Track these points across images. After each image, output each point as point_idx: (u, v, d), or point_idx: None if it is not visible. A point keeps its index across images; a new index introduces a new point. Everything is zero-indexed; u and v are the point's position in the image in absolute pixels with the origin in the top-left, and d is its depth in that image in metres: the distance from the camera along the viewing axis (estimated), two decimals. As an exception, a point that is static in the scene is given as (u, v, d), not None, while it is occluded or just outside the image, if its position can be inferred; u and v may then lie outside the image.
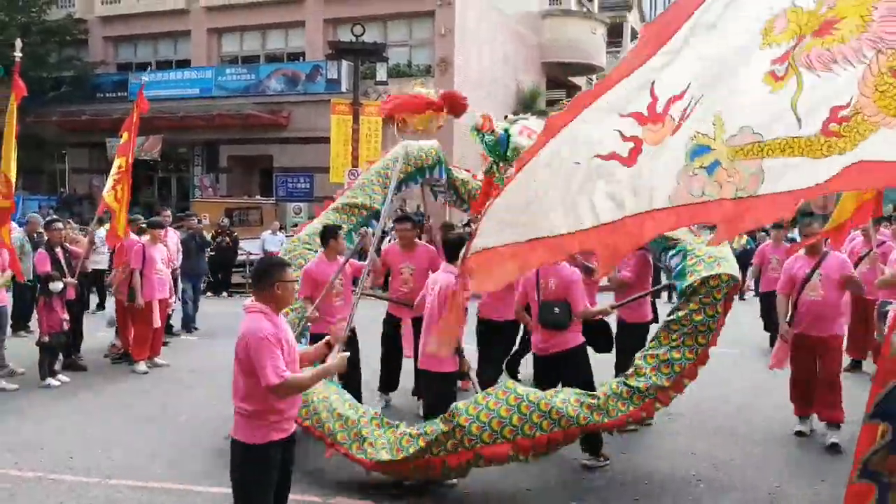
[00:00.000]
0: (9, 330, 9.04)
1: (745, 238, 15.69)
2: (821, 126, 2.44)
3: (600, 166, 2.85)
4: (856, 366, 8.77)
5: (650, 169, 2.80)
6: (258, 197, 24.27)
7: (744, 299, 13.63)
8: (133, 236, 9.42)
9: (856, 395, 5.98)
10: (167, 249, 9.88)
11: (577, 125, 2.91)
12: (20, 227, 10.85)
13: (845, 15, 2.41)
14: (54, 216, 10.03)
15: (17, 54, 8.90)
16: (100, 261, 11.66)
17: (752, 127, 2.58)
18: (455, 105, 7.05)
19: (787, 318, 6.47)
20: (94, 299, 12.80)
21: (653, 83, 2.76)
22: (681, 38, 2.71)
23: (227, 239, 16.56)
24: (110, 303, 10.33)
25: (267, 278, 3.70)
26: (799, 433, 6.51)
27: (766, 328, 10.43)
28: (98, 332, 10.08)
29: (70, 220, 12.74)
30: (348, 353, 3.88)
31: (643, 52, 2.81)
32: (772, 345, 8.74)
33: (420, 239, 7.62)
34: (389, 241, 10.63)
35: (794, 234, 15.28)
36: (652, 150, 2.79)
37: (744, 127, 2.60)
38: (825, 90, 2.44)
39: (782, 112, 2.52)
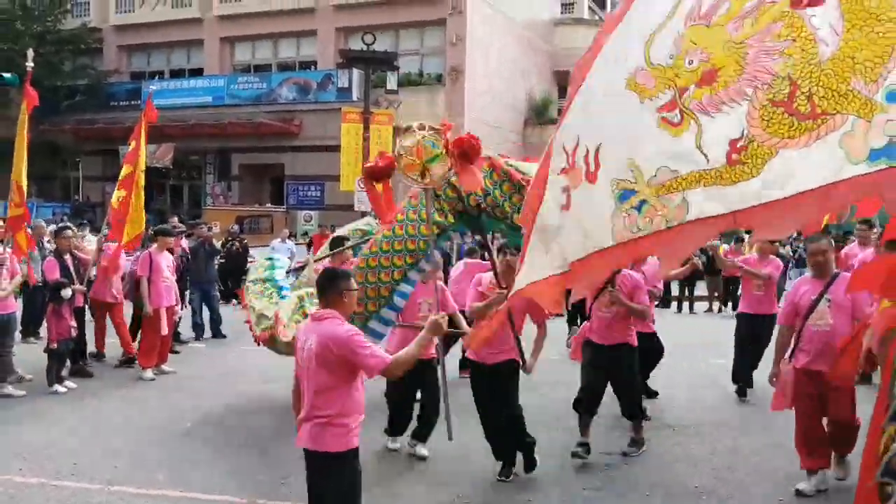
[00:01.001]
0: (18, 336, 9.11)
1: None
2: (725, 158, 2.79)
3: (564, 218, 3.45)
4: (865, 379, 8.61)
5: (585, 211, 3.30)
6: (269, 205, 24.40)
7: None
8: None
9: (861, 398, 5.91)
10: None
11: (546, 192, 3.55)
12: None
13: (723, 64, 2.80)
14: (64, 223, 10.11)
15: (30, 64, 9.00)
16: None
17: (668, 166, 2.94)
18: (467, 152, 5.09)
19: (789, 353, 5.50)
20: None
21: (563, 144, 3.36)
22: (574, 100, 3.33)
23: (238, 245, 16.62)
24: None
25: (335, 287, 3.83)
26: (798, 492, 5.35)
27: (735, 376, 8.26)
28: (108, 339, 10.12)
29: (83, 228, 12.77)
30: (442, 315, 3.97)
31: (558, 125, 3.48)
32: (740, 392, 8.08)
33: None
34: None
35: (784, 250, 15.19)
36: (577, 193, 3.30)
37: (661, 168, 2.96)
38: (721, 127, 2.81)
39: (690, 152, 2.89)
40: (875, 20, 2.50)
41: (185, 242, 11.56)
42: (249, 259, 17.01)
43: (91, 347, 9.64)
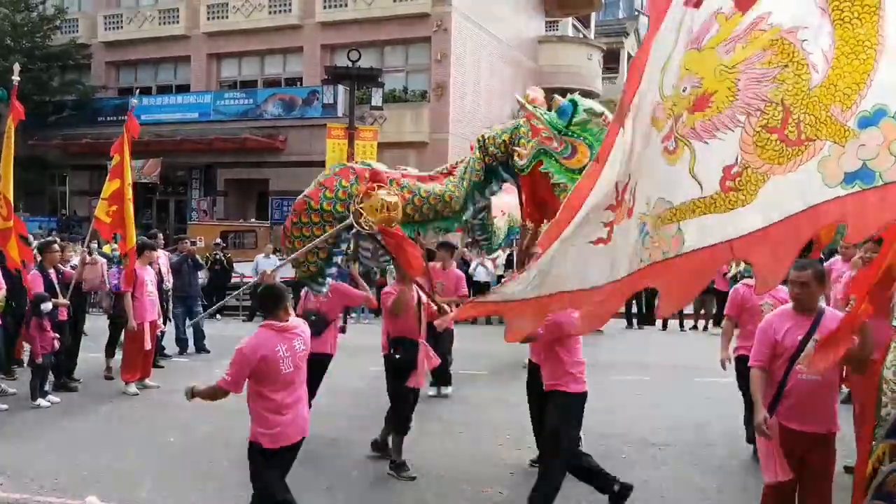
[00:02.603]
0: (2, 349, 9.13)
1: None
2: (718, 185, 2.79)
3: (588, 248, 3.50)
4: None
5: (621, 244, 3.34)
6: (254, 220, 24.45)
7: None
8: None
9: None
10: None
11: (573, 226, 3.55)
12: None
13: (715, 89, 2.79)
14: (49, 238, 10.16)
15: (16, 78, 9.09)
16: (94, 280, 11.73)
17: (663, 197, 2.97)
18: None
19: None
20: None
21: (617, 181, 3.34)
22: (618, 137, 3.32)
23: (224, 259, 16.63)
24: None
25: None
26: None
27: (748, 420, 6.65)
28: (90, 353, 10.17)
29: (75, 242, 12.78)
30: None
31: (598, 163, 3.46)
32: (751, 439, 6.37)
33: None
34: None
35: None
36: (619, 228, 3.32)
37: (659, 199, 3.00)
38: (715, 154, 2.81)
39: (683, 179, 2.90)
40: (861, 47, 2.52)
41: (163, 258, 11.53)
42: (234, 274, 17.08)
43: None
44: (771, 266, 2.71)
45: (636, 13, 56.13)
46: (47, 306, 8.33)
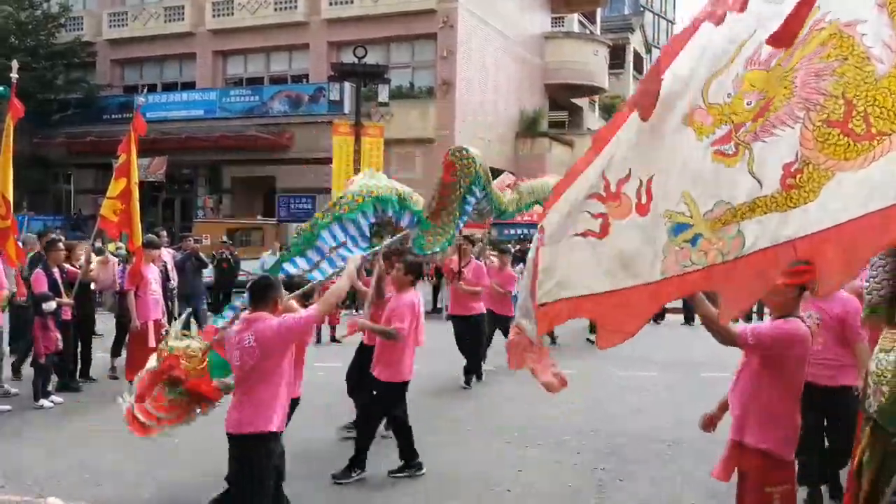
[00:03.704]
0: (7, 349, 9.07)
1: None
2: (779, 184, 2.72)
3: (578, 242, 3.28)
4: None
5: (629, 243, 3.14)
6: (260, 217, 24.40)
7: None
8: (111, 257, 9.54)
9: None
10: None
11: (552, 214, 3.37)
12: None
13: (774, 94, 2.76)
14: (54, 236, 10.07)
15: (14, 75, 9.01)
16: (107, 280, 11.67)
17: (723, 199, 2.87)
18: None
19: None
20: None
21: (603, 170, 3.20)
22: (620, 134, 3.18)
23: (230, 257, 16.55)
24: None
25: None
26: None
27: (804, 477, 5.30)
28: (95, 353, 10.11)
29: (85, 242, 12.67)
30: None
31: (593, 150, 3.28)
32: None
33: None
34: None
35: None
36: (622, 224, 3.14)
37: (718, 202, 2.88)
38: (774, 151, 2.74)
39: (743, 179, 2.82)
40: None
41: (167, 256, 11.50)
42: (240, 272, 17.01)
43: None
44: (837, 269, 2.57)
45: (641, 9, 56.03)
46: (50, 305, 8.26)
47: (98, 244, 11.86)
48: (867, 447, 3.63)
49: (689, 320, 15.87)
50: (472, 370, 9.66)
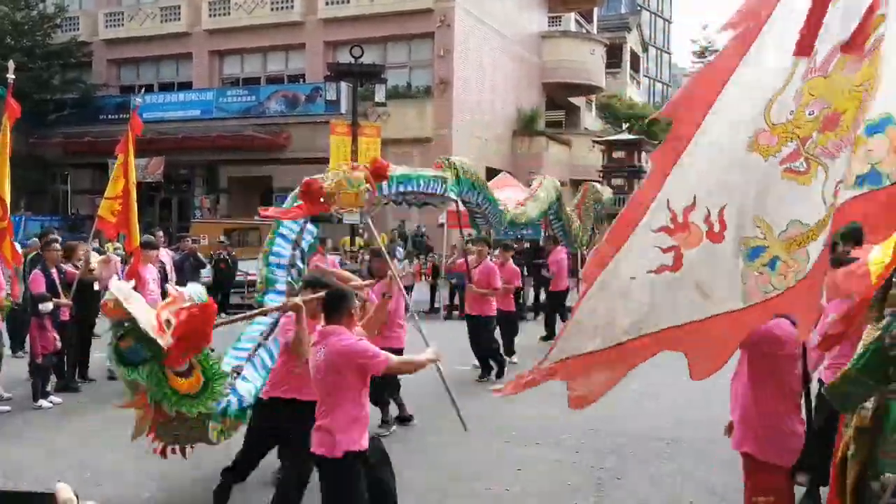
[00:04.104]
0: (8, 351, 9.05)
1: None
2: (832, 201, 2.83)
3: (654, 280, 3.16)
4: None
5: (706, 272, 3.10)
6: (257, 217, 24.36)
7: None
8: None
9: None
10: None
11: (621, 255, 3.21)
12: (21, 248, 10.89)
13: (844, 108, 2.82)
14: (52, 236, 10.05)
15: (11, 76, 8.99)
16: (108, 278, 11.65)
17: (798, 219, 2.92)
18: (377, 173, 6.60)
19: None
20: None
21: (667, 200, 3.12)
22: (683, 158, 3.11)
23: (227, 258, 16.54)
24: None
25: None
26: None
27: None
28: (93, 353, 10.09)
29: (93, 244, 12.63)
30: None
31: (655, 179, 3.17)
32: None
33: None
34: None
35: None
36: (693, 254, 3.09)
37: (791, 221, 2.93)
38: (837, 172, 2.83)
39: (815, 198, 2.89)
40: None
41: (166, 257, 11.51)
42: (238, 272, 16.97)
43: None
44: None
45: (638, 8, 56.06)
46: (47, 306, 8.24)
47: (95, 244, 11.85)
48: (852, 440, 3.65)
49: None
50: (496, 365, 9.87)
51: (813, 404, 3.82)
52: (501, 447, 6.90)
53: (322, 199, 5.92)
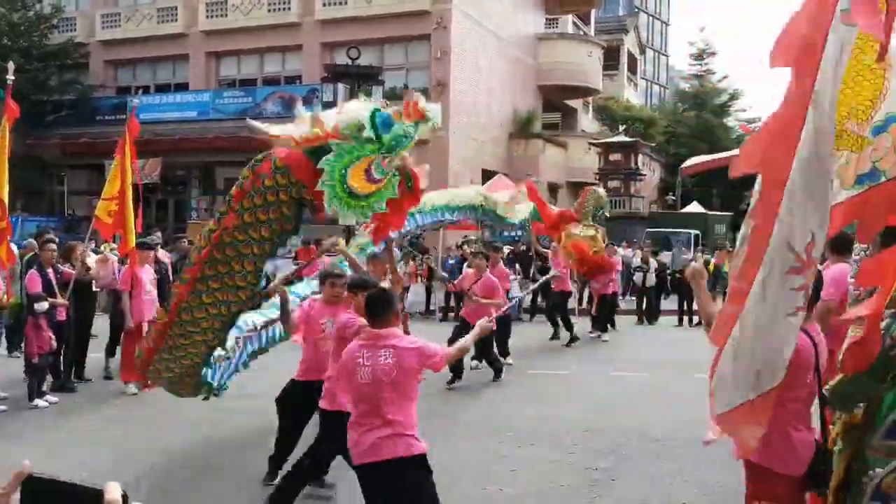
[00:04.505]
0: (4, 351, 9.07)
1: None
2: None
3: (790, 322, 3.10)
4: None
5: None
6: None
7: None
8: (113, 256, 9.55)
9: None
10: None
11: (757, 308, 3.07)
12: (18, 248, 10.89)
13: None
14: (48, 236, 10.04)
15: (10, 77, 9.00)
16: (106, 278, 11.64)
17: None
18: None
19: None
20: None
21: (788, 242, 2.99)
22: (786, 196, 2.93)
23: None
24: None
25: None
26: None
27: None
28: (90, 353, 10.10)
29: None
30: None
31: (760, 229, 3.00)
32: None
33: None
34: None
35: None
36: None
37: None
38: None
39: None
40: (868, 70, 2.76)
41: (165, 256, 11.53)
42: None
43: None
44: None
45: (636, 10, 56.10)
46: (42, 306, 8.25)
47: (92, 245, 11.85)
48: (839, 436, 3.68)
49: (680, 321, 15.97)
50: (494, 369, 9.96)
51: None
52: (497, 447, 6.92)
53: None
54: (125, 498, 1.04)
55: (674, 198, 33.55)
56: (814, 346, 3.51)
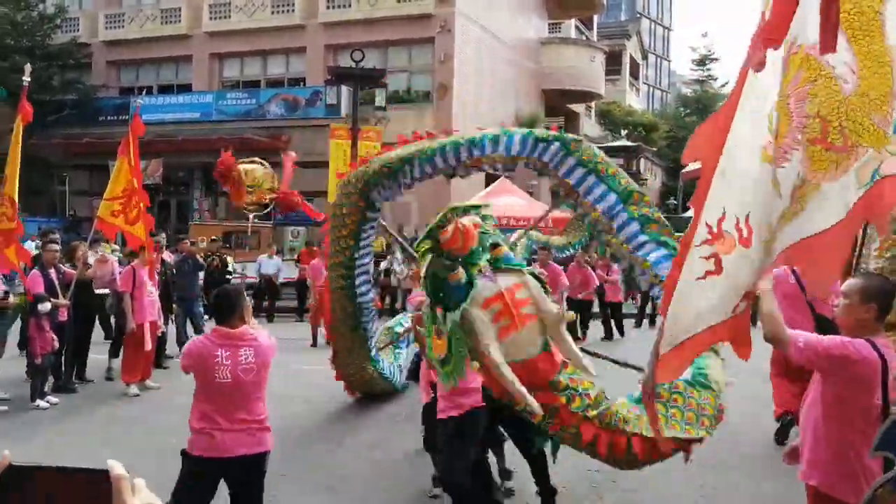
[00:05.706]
0: (6, 352, 9.04)
1: None
2: (790, 199, 2.99)
3: (703, 285, 3.33)
4: None
5: (743, 272, 3.31)
6: (256, 220, 24.37)
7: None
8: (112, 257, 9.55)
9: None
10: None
11: (684, 274, 3.31)
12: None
13: (781, 118, 2.96)
14: (52, 236, 10.02)
15: (26, 79, 8.98)
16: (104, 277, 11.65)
17: (768, 221, 3.10)
18: None
19: None
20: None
21: (706, 220, 3.24)
22: (714, 182, 3.18)
23: (217, 260, 16.48)
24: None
25: None
26: None
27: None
28: (91, 354, 10.08)
29: (95, 245, 12.60)
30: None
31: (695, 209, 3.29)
32: None
33: None
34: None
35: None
36: (731, 258, 3.27)
37: (761, 224, 3.12)
38: (788, 178, 2.98)
39: (776, 200, 3.07)
40: (877, 63, 2.69)
41: (167, 257, 11.53)
42: (229, 273, 16.91)
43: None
44: (819, 275, 2.86)
45: (638, 15, 56.24)
46: (45, 307, 8.24)
47: (99, 247, 11.84)
48: None
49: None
50: None
51: None
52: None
53: None
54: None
55: (675, 202, 33.54)
56: (881, 361, 3.33)
